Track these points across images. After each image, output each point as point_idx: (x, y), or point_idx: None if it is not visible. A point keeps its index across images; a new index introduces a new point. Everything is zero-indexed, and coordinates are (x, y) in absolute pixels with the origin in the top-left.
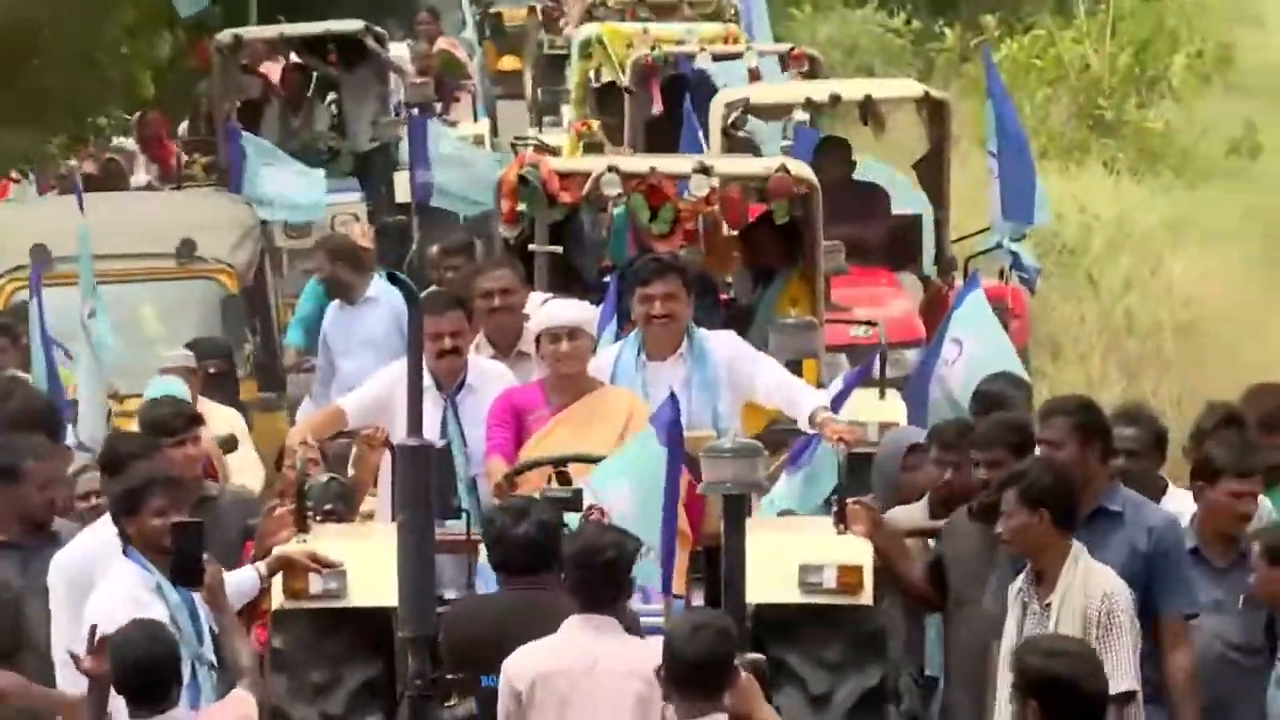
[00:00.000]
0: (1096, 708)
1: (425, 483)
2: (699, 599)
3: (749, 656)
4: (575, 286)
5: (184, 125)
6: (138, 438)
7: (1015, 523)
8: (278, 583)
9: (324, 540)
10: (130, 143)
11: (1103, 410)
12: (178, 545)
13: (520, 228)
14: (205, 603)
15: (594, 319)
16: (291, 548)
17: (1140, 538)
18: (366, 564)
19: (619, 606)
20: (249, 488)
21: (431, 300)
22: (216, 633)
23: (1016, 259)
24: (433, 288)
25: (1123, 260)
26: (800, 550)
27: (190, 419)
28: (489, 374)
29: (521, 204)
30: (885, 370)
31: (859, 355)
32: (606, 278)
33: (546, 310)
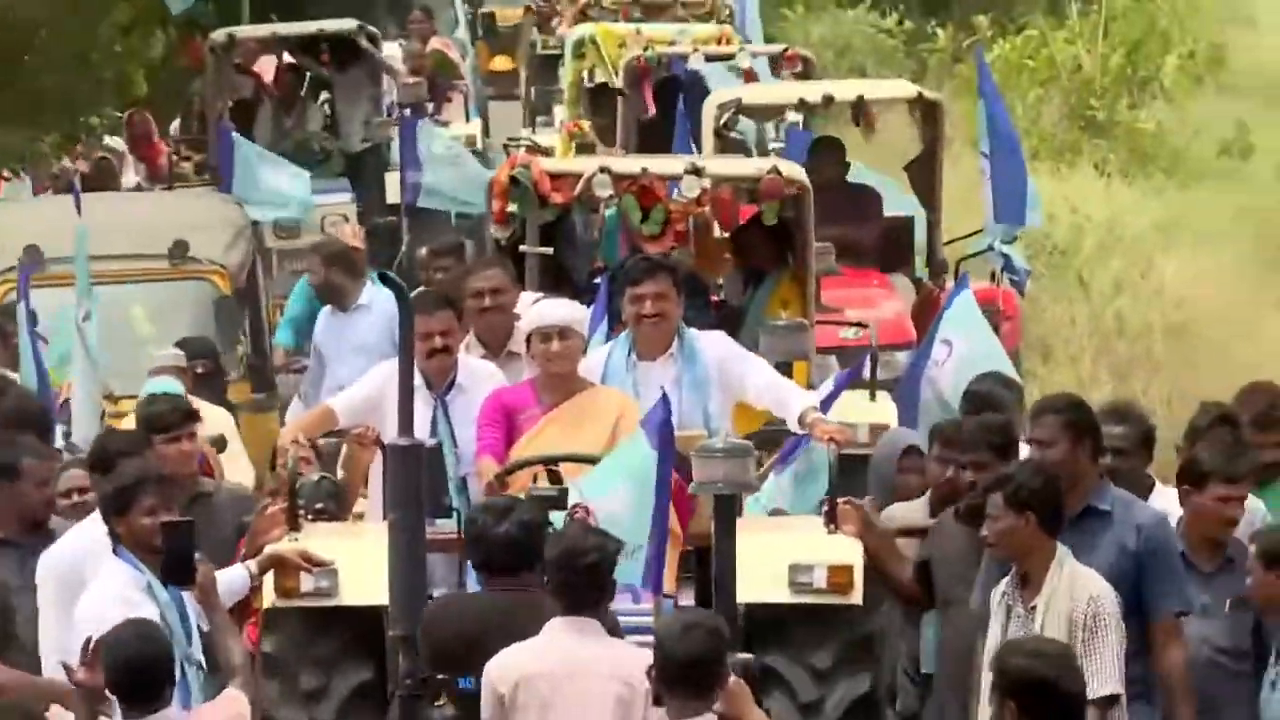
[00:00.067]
0: (1075, 709)
1: (416, 482)
2: (689, 599)
3: (739, 657)
4: (566, 287)
5: (176, 124)
6: (127, 435)
7: (1001, 526)
8: (269, 581)
9: (315, 539)
10: (120, 142)
11: (1092, 409)
12: (168, 544)
13: (511, 228)
14: (197, 601)
15: (584, 319)
16: (283, 546)
17: (1129, 536)
18: (358, 563)
19: (601, 609)
20: (244, 485)
21: (421, 300)
22: (208, 632)
23: (1008, 261)
24: (422, 288)
25: (1114, 262)
26: (790, 550)
27: (186, 415)
28: (479, 374)
29: (513, 205)
30: (876, 372)
31: (849, 357)
32: (597, 279)
33: (537, 310)
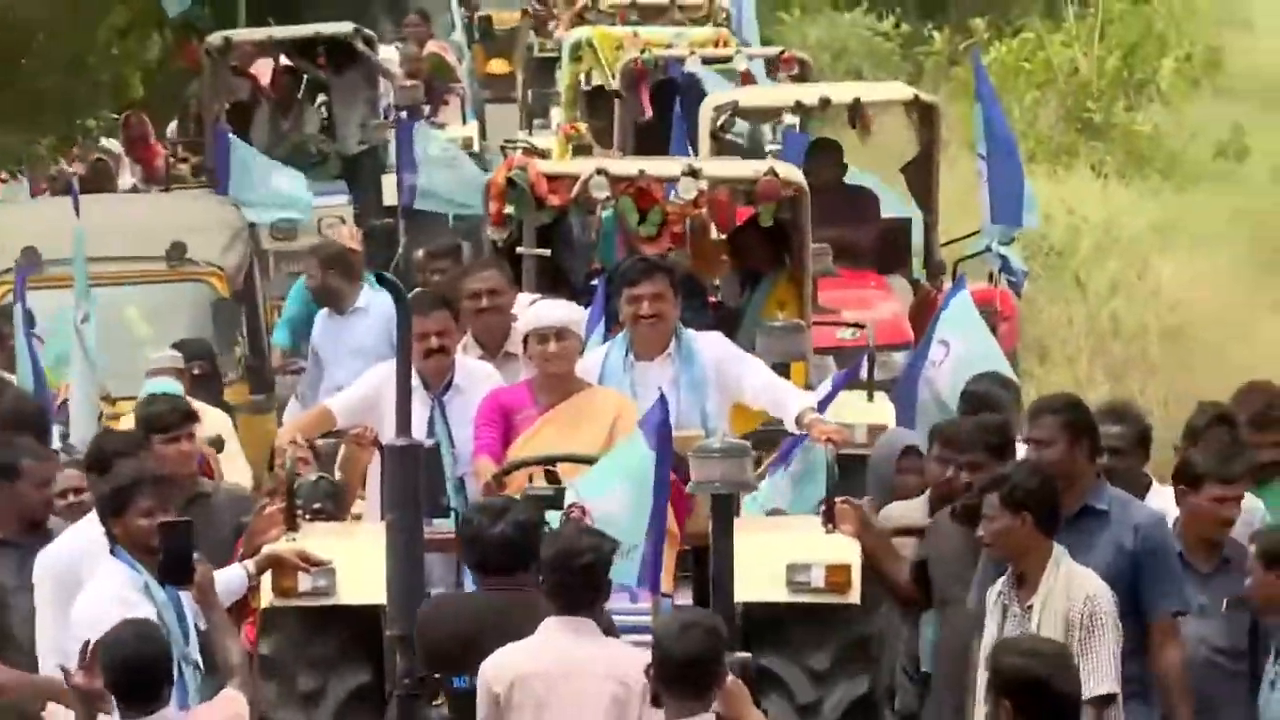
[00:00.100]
0: (1070, 708)
1: (414, 482)
2: (686, 598)
3: (736, 656)
4: (563, 289)
5: (173, 126)
6: (124, 436)
7: (997, 526)
8: (267, 581)
9: (313, 539)
10: (115, 144)
11: (1090, 409)
12: (167, 544)
13: (508, 230)
14: (195, 601)
15: (582, 319)
16: (280, 546)
17: (1127, 536)
18: (355, 562)
19: (597, 609)
20: (243, 486)
21: (418, 300)
22: (206, 631)
23: (1005, 262)
24: (419, 289)
25: (1110, 263)
26: (788, 549)
27: (186, 415)
28: (476, 374)
29: (510, 206)
30: (874, 372)
31: (846, 358)
32: (594, 280)
33: (534, 311)
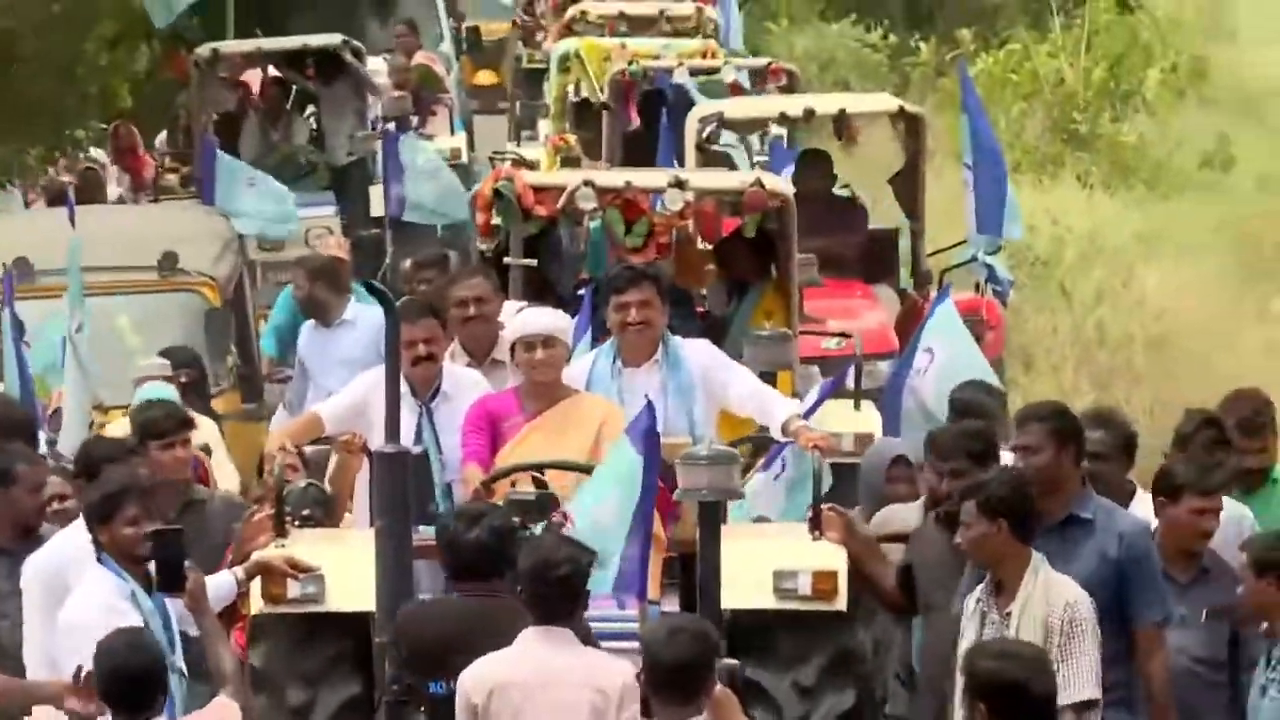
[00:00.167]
0: (1046, 711)
1: (402, 488)
2: (673, 605)
3: (724, 663)
4: (550, 299)
5: (162, 136)
6: (113, 443)
7: (974, 533)
8: (256, 587)
9: (302, 545)
10: (103, 154)
11: (1076, 416)
12: (158, 552)
13: (496, 241)
14: (187, 609)
15: (568, 327)
16: (270, 553)
17: (1111, 544)
18: (344, 569)
19: (575, 619)
20: (236, 494)
21: (406, 308)
22: (198, 638)
23: (991, 272)
24: (407, 297)
25: (1095, 272)
26: (775, 556)
27: (182, 422)
28: (464, 381)
29: (497, 217)
30: (861, 381)
31: (832, 367)
32: (581, 290)
33: (521, 318)
